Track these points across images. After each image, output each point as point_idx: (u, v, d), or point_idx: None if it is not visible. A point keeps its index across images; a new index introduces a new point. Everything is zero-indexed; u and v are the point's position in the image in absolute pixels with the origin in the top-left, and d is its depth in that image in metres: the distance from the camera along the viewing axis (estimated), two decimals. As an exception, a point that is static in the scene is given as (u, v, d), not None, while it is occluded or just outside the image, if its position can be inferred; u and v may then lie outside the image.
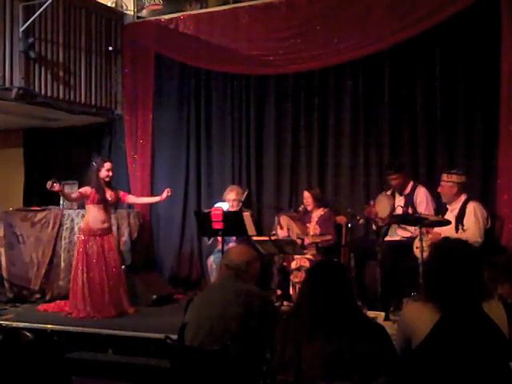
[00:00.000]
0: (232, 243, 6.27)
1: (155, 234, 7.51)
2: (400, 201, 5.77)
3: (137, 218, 7.01)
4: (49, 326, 5.31)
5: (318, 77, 6.69)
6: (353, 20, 6.34)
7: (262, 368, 2.96)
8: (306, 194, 6.28)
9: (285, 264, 6.03)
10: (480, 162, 5.97)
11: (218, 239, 6.37)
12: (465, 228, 5.15)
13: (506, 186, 5.62)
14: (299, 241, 5.93)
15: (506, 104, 5.63)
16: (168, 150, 7.47)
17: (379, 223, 5.70)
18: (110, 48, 7.30)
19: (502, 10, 5.62)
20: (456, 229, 5.19)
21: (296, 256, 5.82)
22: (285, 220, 6.19)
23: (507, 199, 5.58)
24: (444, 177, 5.37)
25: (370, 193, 6.34)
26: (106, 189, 5.97)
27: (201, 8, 7.16)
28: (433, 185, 5.75)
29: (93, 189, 5.88)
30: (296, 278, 5.70)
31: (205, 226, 5.83)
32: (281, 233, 6.16)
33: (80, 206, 6.77)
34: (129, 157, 7.48)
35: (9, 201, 7.61)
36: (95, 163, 6.01)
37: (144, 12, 7.52)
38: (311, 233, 6.12)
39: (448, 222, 5.07)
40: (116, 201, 6.13)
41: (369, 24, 6.25)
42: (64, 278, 6.56)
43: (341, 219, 6.20)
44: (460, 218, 5.22)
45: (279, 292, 6.05)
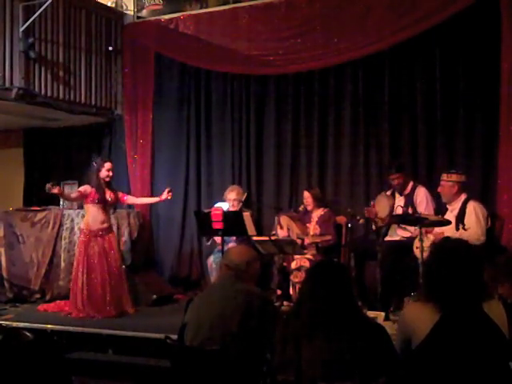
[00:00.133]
0: (232, 243, 6.28)
1: (155, 234, 7.51)
2: (400, 201, 5.77)
3: (137, 218, 7.01)
4: (49, 326, 5.31)
5: (318, 77, 6.69)
6: (353, 20, 6.34)
7: (262, 368, 2.96)
8: (306, 194, 6.28)
9: (285, 264, 6.03)
10: (480, 162, 5.97)
11: (216, 240, 6.39)
12: (466, 227, 5.15)
13: (506, 186, 5.62)
14: (299, 241, 5.92)
15: (506, 104, 5.63)
16: (168, 150, 7.47)
17: (379, 223, 5.70)
18: (110, 48, 7.30)
19: (502, 10, 5.62)
20: (456, 228, 5.19)
21: (296, 256, 5.82)
22: (285, 220, 6.19)
23: (507, 199, 5.58)
24: (444, 176, 5.38)
25: (370, 193, 6.34)
26: (106, 189, 5.97)
27: (201, 8, 7.16)
28: (433, 185, 5.75)
29: (93, 188, 5.88)
30: (296, 278, 5.70)
31: (205, 226, 5.83)
32: (281, 233, 6.16)
33: (80, 206, 6.76)
34: (129, 157, 7.48)
35: (9, 201, 7.61)
36: (95, 163, 6.00)
37: (144, 12, 7.52)
38: (311, 233, 6.12)
39: (448, 222, 5.07)
40: (115, 201, 6.13)
41: (369, 24, 6.24)
42: (64, 278, 6.56)
43: (341, 219, 6.20)
44: (460, 218, 5.22)
45: (279, 292, 6.05)
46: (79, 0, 6.98)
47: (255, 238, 5.89)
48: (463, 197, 5.33)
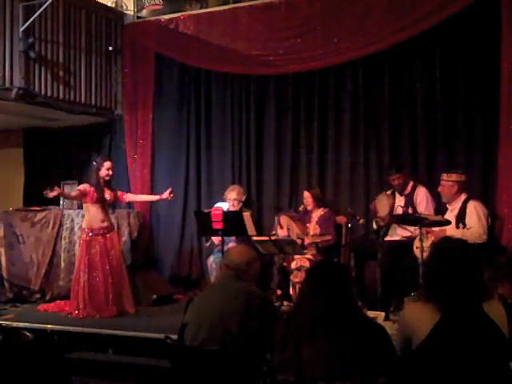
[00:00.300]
0: (232, 243, 6.27)
1: (155, 234, 7.51)
2: (400, 201, 5.77)
3: (137, 218, 7.01)
4: (49, 326, 5.31)
5: (318, 77, 6.69)
6: (353, 20, 6.34)
7: (262, 368, 2.96)
8: (306, 194, 6.28)
9: (285, 264, 6.03)
10: (480, 162, 5.97)
11: (215, 242, 6.39)
12: (468, 227, 5.15)
13: (506, 186, 5.62)
14: (299, 241, 5.92)
15: (506, 104, 5.63)
16: (168, 150, 7.47)
17: (380, 222, 5.70)
18: (110, 48, 7.30)
19: (502, 10, 5.62)
20: (457, 228, 5.19)
21: (296, 256, 5.82)
22: (285, 220, 6.19)
23: (507, 199, 5.58)
24: (444, 176, 5.39)
25: (370, 193, 6.34)
26: (106, 188, 5.97)
27: (201, 8, 7.16)
28: (433, 185, 5.76)
29: (92, 187, 5.88)
30: (296, 278, 5.70)
31: (205, 226, 5.83)
32: (281, 233, 6.16)
33: (80, 206, 6.76)
34: (129, 157, 7.48)
35: (9, 201, 7.61)
36: (95, 162, 6.01)
37: (144, 12, 7.52)
38: (311, 233, 6.12)
39: (448, 222, 5.07)
40: (114, 201, 6.13)
41: (369, 24, 6.25)
42: (64, 278, 6.56)
43: (341, 219, 6.20)
44: (461, 217, 5.22)
45: (279, 292, 6.05)
46: (79, 0, 6.98)
47: (255, 238, 5.88)
48: (463, 197, 5.33)
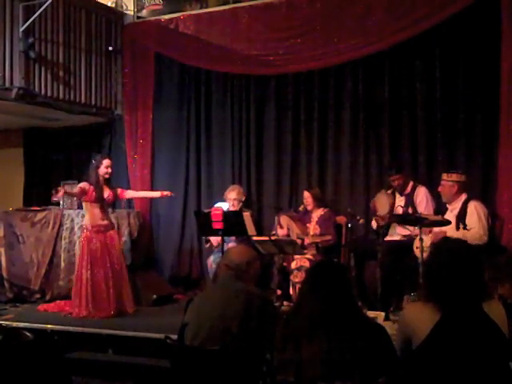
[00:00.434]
0: (232, 243, 6.28)
1: (155, 234, 7.50)
2: (400, 201, 5.77)
3: (137, 218, 7.00)
4: (49, 326, 5.31)
5: (318, 77, 6.69)
6: (353, 20, 6.34)
7: (262, 368, 2.96)
8: (306, 194, 6.28)
9: (285, 264, 6.03)
10: (480, 162, 5.97)
11: (214, 244, 6.39)
12: (468, 228, 5.15)
13: (506, 186, 5.62)
14: (299, 241, 5.93)
15: (506, 104, 5.63)
16: (168, 150, 7.47)
17: (379, 222, 5.70)
18: (110, 48, 7.30)
19: (502, 10, 5.62)
20: (457, 228, 5.19)
21: (296, 256, 5.82)
22: (285, 220, 6.19)
23: (507, 199, 5.58)
24: (444, 176, 5.39)
25: (370, 193, 6.34)
26: (105, 187, 5.97)
27: (201, 8, 7.16)
28: (433, 184, 5.76)
29: (91, 186, 5.88)
30: (296, 278, 5.70)
31: (205, 226, 5.83)
32: (281, 233, 6.16)
33: (80, 206, 6.76)
34: (129, 157, 7.48)
35: (9, 201, 7.62)
36: (94, 160, 6.01)
37: (144, 12, 7.52)
38: (311, 233, 6.12)
39: (448, 222, 5.07)
40: (114, 200, 6.13)
41: (369, 24, 6.24)
42: (64, 278, 6.56)
43: (341, 219, 6.20)
44: (461, 218, 5.22)
45: (279, 292, 6.05)
46: (79, 0, 6.99)
47: (255, 238, 5.88)
48: (463, 197, 5.33)
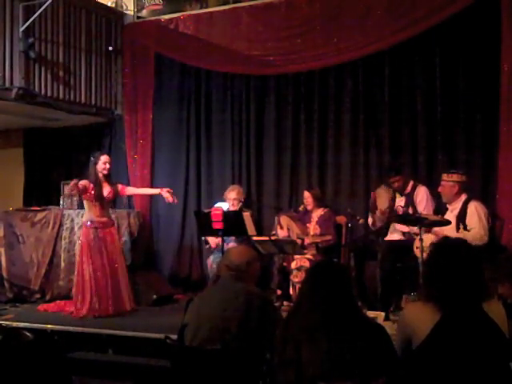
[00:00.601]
0: (232, 243, 6.28)
1: (155, 234, 7.50)
2: (401, 201, 5.77)
3: (137, 218, 7.01)
4: (49, 326, 5.31)
5: (318, 77, 6.69)
6: (353, 20, 6.34)
7: (262, 368, 2.95)
8: (306, 194, 6.28)
9: (285, 264, 6.03)
10: (480, 162, 5.96)
11: (212, 246, 6.39)
12: (469, 228, 5.15)
13: (506, 186, 5.62)
14: (299, 241, 5.93)
15: (506, 104, 5.63)
16: (168, 150, 7.47)
17: (378, 214, 5.66)
18: (110, 48, 7.30)
19: (502, 10, 5.62)
20: (457, 228, 5.19)
21: (296, 256, 5.82)
22: (285, 220, 6.19)
23: (507, 199, 5.58)
24: (444, 176, 5.38)
25: (370, 193, 6.33)
26: (105, 184, 5.97)
27: (201, 8, 7.16)
28: (433, 184, 5.76)
29: (91, 184, 5.88)
30: (296, 278, 5.70)
31: (205, 226, 5.83)
32: (281, 233, 6.16)
33: (80, 206, 6.77)
34: (129, 157, 7.48)
35: (9, 201, 7.62)
36: (93, 157, 6.02)
37: (144, 12, 7.52)
38: (311, 233, 6.12)
39: (448, 222, 5.07)
40: (114, 196, 6.11)
41: (369, 24, 6.25)
42: (64, 278, 6.56)
43: (341, 219, 6.20)
44: (461, 218, 5.22)
45: (279, 292, 6.05)
46: (79, 0, 6.99)
47: (255, 238, 5.89)
48: (463, 197, 5.33)
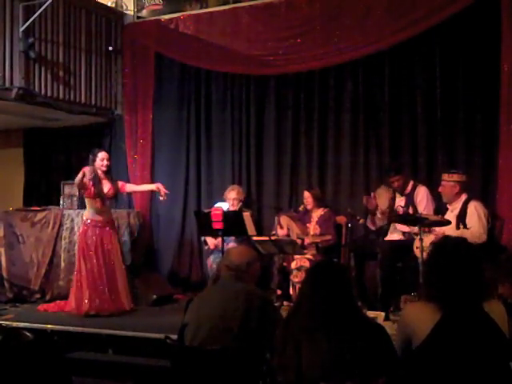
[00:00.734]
0: (232, 243, 6.28)
1: (155, 234, 7.50)
2: (401, 201, 5.77)
3: (137, 218, 7.01)
4: (49, 326, 5.30)
5: (318, 77, 6.69)
6: (353, 20, 6.34)
7: (262, 368, 2.95)
8: (306, 194, 6.28)
9: (285, 264, 6.03)
10: (480, 162, 5.97)
11: (211, 247, 6.39)
12: (468, 227, 5.16)
13: (506, 186, 5.62)
14: (299, 241, 5.93)
15: (506, 104, 5.63)
16: (168, 150, 7.47)
17: (379, 214, 5.66)
18: (110, 48, 7.30)
19: (502, 10, 5.62)
20: (457, 228, 5.19)
21: (296, 256, 5.82)
22: (285, 220, 6.19)
23: (507, 199, 5.58)
24: (445, 176, 5.37)
25: (370, 193, 6.32)
26: (105, 181, 5.97)
27: (201, 8, 7.16)
28: (433, 184, 5.76)
29: (90, 181, 5.88)
30: (296, 278, 5.70)
31: (205, 226, 5.83)
32: (281, 233, 6.16)
33: (80, 206, 6.77)
34: (129, 157, 7.48)
35: (9, 201, 7.62)
36: (91, 155, 6.01)
37: (144, 12, 7.52)
38: (311, 233, 6.13)
39: (448, 222, 5.07)
40: (115, 193, 6.11)
41: (369, 24, 6.25)
42: (64, 278, 6.56)
43: (341, 219, 6.20)
44: (461, 218, 5.22)
45: (279, 292, 6.05)
46: (79, 0, 6.99)
47: (255, 238, 5.89)
48: (464, 197, 5.33)
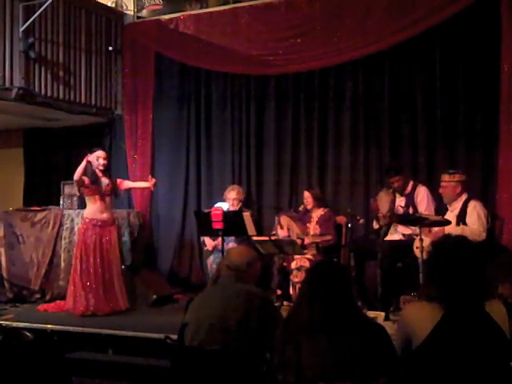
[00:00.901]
0: (232, 243, 6.28)
1: (155, 234, 7.50)
2: (401, 201, 5.76)
3: (137, 218, 7.01)
4: (49, 326, 5.30)
5: (318, 77, 6.70)
6: (353, 20, 6.35)
7: (262, 368, 2.95)
8: (306, 194, 6.28)
9: (285, 264, 6.03)
10: (480, 162, 5.97)
11: (209, 248, 6.40)
12: (468, 226, 5.15)
13: (506, 186, 5.62)
14: (299, 241, 5.92)
15: (506, 104, 5.63)
16: (168, 150, 7.47)
17: (381, 222, 5.69)
18: (110, 48, 7.30)
19: (502, 10, 5.63)
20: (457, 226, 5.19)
21: (296, 256, 5.82)
22: (285, 220, 6.19)
23: (507, 199, 5.58)
24: (446, 177, 5.35)
25: (370, 193, 6.34)
26: (103, 179, 5.98)
27: (201, 8, 7.16)
28: (433, 184, 5.76)
29: (89, 180, 5.89)
30: (296, 278, 5.70)
31: (205, 226, 5.83)
32: (281, 233, 6.16)
33: (80, 206, 6.77)
34: (129, 157, 7.48)
35: (9, 201, 7.62)
36: (90, 154, 6.02)
37: (144, 12, 7.52)
38: (311, 233, 6.12)
39: (448, 222, 5.07)
40: (113, 190, 6.11)
41: (369, 24, 6.25)
42: (64, 278, 6.55)
43: (341, 219, 6.20)
44: (461, 217, 5.22)
45: (279, 292, 6.05)
46: (79, 0, 6.99)
47: (255, 238, 5.89)
48: (464, 197, 5.33)
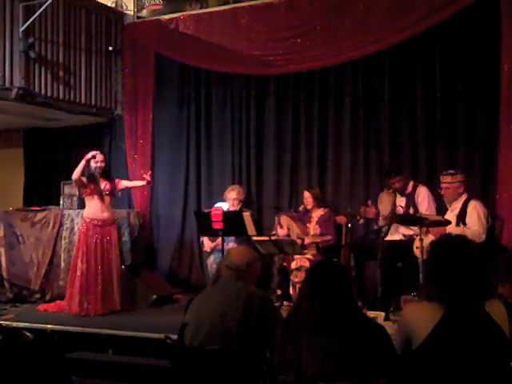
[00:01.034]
0: (232, 243, 6.28)
1: (155, 234, 7.50)
2: (401, 201, 5.76)
3: (137, 218, 7.01)
4: (49, 326, 5.30)
5: (318, 77, 6.70)
6: (353, 20, 6.35)
7: (262, 368, 2.96)
8: (306, 194, 6.28)
9: (285, 264, 6.03)
10: (480, 162, 5.97)
11: (207, 250, 6.39)
12: (468, 226, 5.15)
13: (506, 186, 5.62)
14: (299, 241, 5.92)
15: (506, 104, 5.63)
16: (168, 150, 7.47)
17: (381, 223, 5.69)
18: (110, 48, 7.30)
19: (502, 10, 5.63)
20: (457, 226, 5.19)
21: (296, 256, 5.82)
22: (285, 220, 6.19)
23: (507, 199, 5.58)
24: (448, 179, 5.32)
25: (370, 193, 6.34)
26: (102, 179, 6.00)
27: (201, 8, 7.16)
28: (433, 184, 5.76)
29: (87, 179, 5.92)
30: (296, 278, 5.70)
31: (205, 226, 5.83)
32: (281, 233, 6.16)
33: (80, 206, 6.78)
34: (129, 157, 7.48)
35: (9, 201, 7.62)
36: (89, 154, 6.02)
37: (144, 12, 7.52)
38: (311, 233, 6.12)
39: (448, 222, 5.07)
40: (112, 190, 6.11)
41: (369, 24, 6.25)
42: (64, 278, 6.55)
43: (341, 219, 6.20)
44: (461, 217, 5.22)
45: (279, 292, 6.05)
46: (79, 0, 6.99)
47: (255, 238, 5.88)
48: (464, 197, 5.32)
